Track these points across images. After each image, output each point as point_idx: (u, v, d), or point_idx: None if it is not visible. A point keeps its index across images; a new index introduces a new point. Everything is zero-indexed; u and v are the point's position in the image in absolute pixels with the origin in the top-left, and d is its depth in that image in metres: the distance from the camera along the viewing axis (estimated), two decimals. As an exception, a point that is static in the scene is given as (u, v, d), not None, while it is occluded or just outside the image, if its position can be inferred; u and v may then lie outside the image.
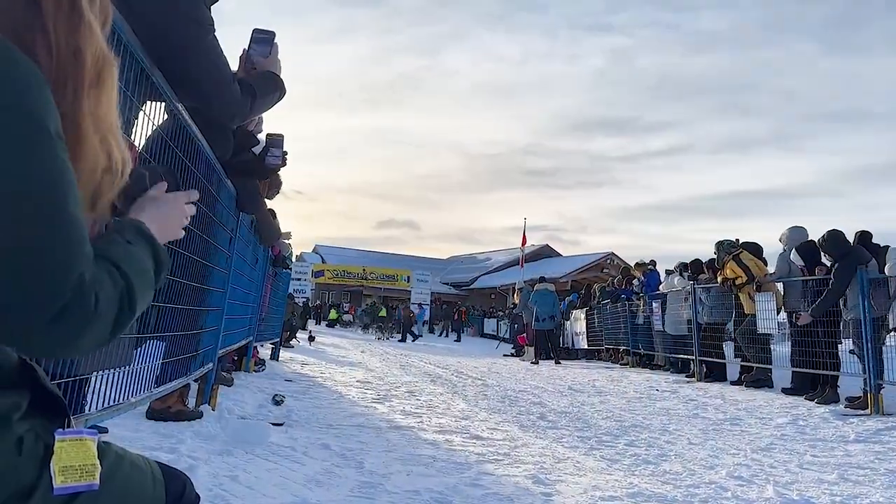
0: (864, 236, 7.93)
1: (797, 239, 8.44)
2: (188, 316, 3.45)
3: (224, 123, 3.08)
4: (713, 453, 4.60)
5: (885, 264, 7.13)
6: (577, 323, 16.15)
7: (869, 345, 6.73)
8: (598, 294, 15.89)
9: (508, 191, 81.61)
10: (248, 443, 3.83)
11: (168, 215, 1.11)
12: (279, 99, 2.81)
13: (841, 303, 7.24)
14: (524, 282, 20.66)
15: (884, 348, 6.82)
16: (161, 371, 3.21)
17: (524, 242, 33.43)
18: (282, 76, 2.83)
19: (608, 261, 36.26)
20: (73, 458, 0.93)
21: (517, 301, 18.40)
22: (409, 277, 43.17)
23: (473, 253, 51.92)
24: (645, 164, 79.94)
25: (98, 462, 0.96)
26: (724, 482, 3.74)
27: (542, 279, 16.76)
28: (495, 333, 30.08)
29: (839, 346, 7.57)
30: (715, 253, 9.67)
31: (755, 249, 9.43)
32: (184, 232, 1.17)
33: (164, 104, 2.44)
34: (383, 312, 32.81)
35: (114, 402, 2.45)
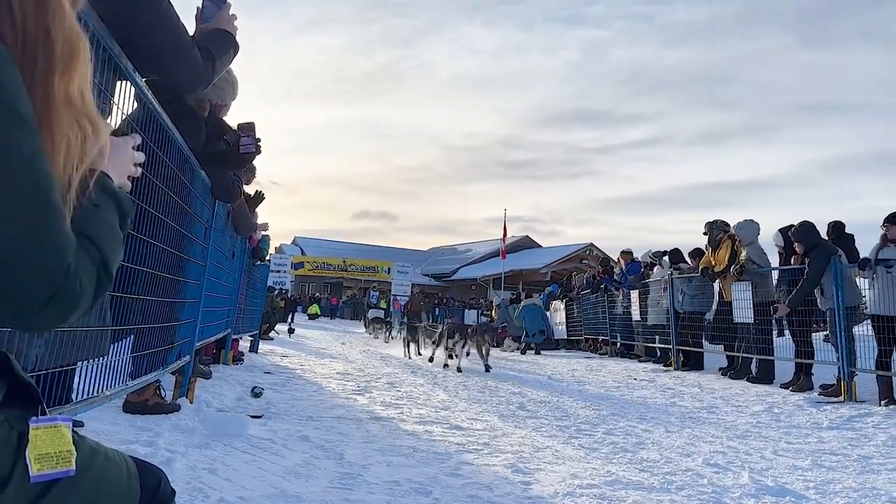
0: (836, 226, 8.05)
1: (751, 233, 8.57)
2: (164, 308, 3.41)
3: (186, 92, 3.03)
4: (690, 441, 4.66)
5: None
6: (557, 313, 16.25)
7: (842, 333, 6.85)
8: (580, 284, 16.00)
9: (487, 182, 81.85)
10: (226, 435, 3.80)
11: (121, 159, 1.10)
12: (234, 56, 2.79)
13: (817, 292, 7.34)
14: (502, 298, 20.59)
15: (856, 337, 6.94)
16: (137, 364, 3.17)
17: (505, 234, 33.49)
18: (236, 33, 2.80)
19: (588, 252, 36.47)
20: (48, 445, 0.92)
21: (495, 317, 18.44)
22: (389, 269, 43.07)
23: (454, 244, 51.99)
24: (622, 156, 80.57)
25: (73, 448, 0.95)
26: (701, 469, 3.78)
27: (528, 295, 16.84)
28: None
29: (813, 334, 7.71)
30: (706, 233, 9.50)
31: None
32: (134, 172, 1.16)
33: (133, 92, 2.38)
34: (384, 304, 32.21)
35: (88, 395, 2.41)
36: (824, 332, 7.71)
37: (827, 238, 7.73)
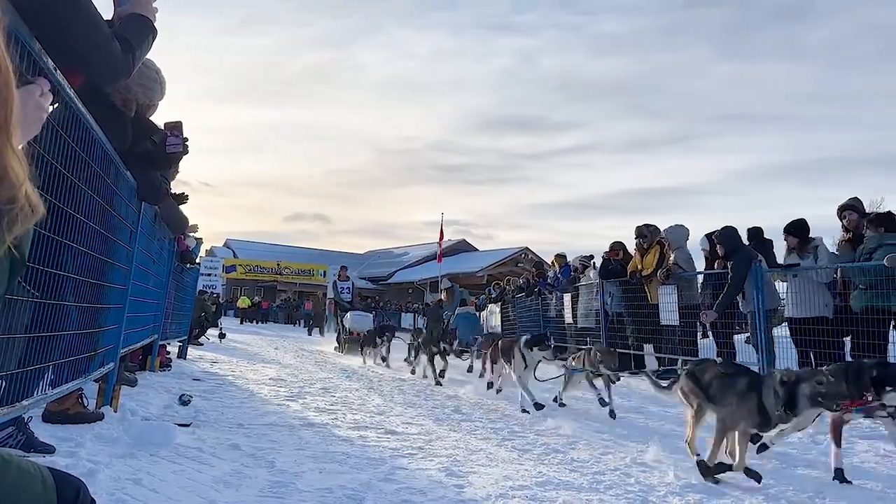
0: (755, 232, 8.43)
1: (679, 238, 8.90)
2: (85, 314, 3.28)
3: (108, 84, 2.93)
4: (619, 441, 4.79)
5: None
6: (493, 316, 16.41)
7: (762, 335, 7.18)
8: (511, 290, 16.21)
9: (423, 186, 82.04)
10: (152, 444, 3.69)
11: (25, 114, 1.03)
12: (153, 41, 2.72)
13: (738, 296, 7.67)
14: (452, 283, 20.52)
15: (775, 338, 7.29)
16: (57, 371, 3.04)
17: (441, 237, 33.58)
18: (154, 16, 2.73)
19: (523, 255, 37.05)
20: None
21: (448, 301, 18.38)
22: (325, 272, 42.61)
23: (391, 247, 51.83)
24: (554, 162, 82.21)
25: None
26: (628, 468, 3.90)
27: (462, 302, 16.87)
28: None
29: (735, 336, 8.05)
30: (636, 237, 9.64)
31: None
32: (42, 117, 1.10)
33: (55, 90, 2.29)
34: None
35: (5, 403, 2.30)
36: (746, 334, 8.07)
37: (747, 243, 8.10)
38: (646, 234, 9.57)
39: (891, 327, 6.19)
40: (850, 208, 7.11)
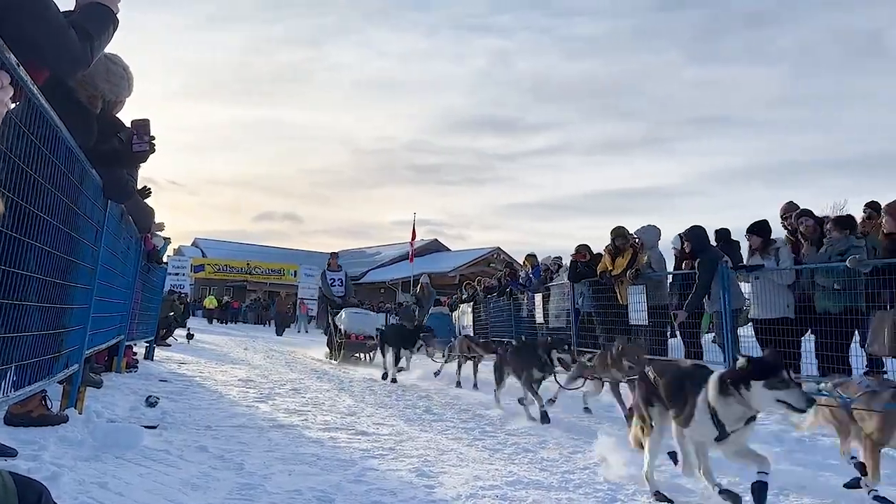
0: (723, 233, 8.57)
1: (652, 238, 9.02)
2: (49, 314, 3.21)
3: (65, 75, 2.87)
4: (588, 440, 4.83)
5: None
6: (465, 316, 16.45)
7: (728, 335, 7.30)
8: (482, 290, 16.28)
9: (396, 186, 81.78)
10: (118, 447, 3.64)
11: None
12: (114, 31, 2.67)
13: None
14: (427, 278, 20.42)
15: (740, 338, 7.42)
16: (20, 373, 2.97)
17: (413, 237, 33.53)
18: (116, 6, 2.67)
19: (495, 255, 37.17)
20: None
21: (424, 296, 18.34)
22: (296, 272, 42.28)
23: (362, 247, 51.59)
24: (527, 163, 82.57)
25: None
26: (597, 467, 3.95)
27: (436, 302, 16.87)
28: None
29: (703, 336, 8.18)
30: (616, 237, 9.73)
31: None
32: (1, 112, 1.07)
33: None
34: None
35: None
36: (713, 334, 8.20)
37: (715, 244, 8.24)
38: (626, 235, 9.66)
39: (855, 327, 6.34)
40: (806, 215, 7.28)
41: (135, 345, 8.47)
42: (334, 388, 7.83)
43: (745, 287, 7.52)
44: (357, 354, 12.54)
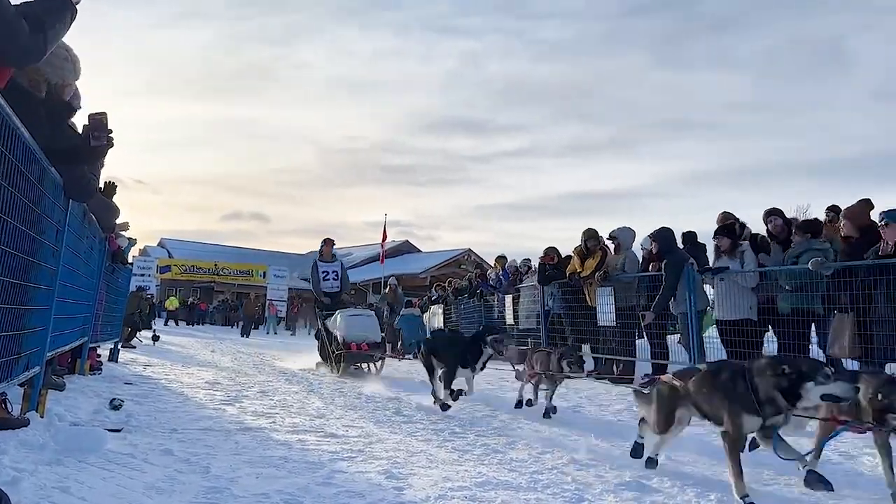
0: (689, 236, 8.72)
1: (627, 239, 9.15)
2: (8, 315, 3.13)
3: (16, 67, 2.79)
4: (556, 440, 4.87)
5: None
6: (435, 318, 16.47)
7: (693, 336, 7.43)
8: (452, 291, 16.32)
9: (367, 186, 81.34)
10: (81, 451, 3.57)
11: None
12: (71, 21, 2.60)
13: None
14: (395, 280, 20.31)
15: (705, 338, 7.56)
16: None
17: (384, 238, 33.44)
18: None
19: (466, 257, 37.26)
20: None
21: (393, 299, 18.25)
22: (265, 273, 41.87)
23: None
24: (498, 165, 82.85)
25: None
26: (565, 467, 3.98)
27: (408, 303, 16.79)
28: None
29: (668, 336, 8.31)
30: (584, 240, 9.79)
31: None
32: None
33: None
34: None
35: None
36: (679, 335, 8.33)
37: (682, 247, 8.37)
38: (597, 237, 9.77)
39: (812, 328, 6.50)
40: (776, 214, 7.44)
41: (99, 346, 8.31)
42: (303, 390, 7.76)
43: (709, 289, 7.66)
44: (360, 365, 10.31)
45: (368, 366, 10.13)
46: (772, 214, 7.44)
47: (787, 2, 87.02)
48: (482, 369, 6.45)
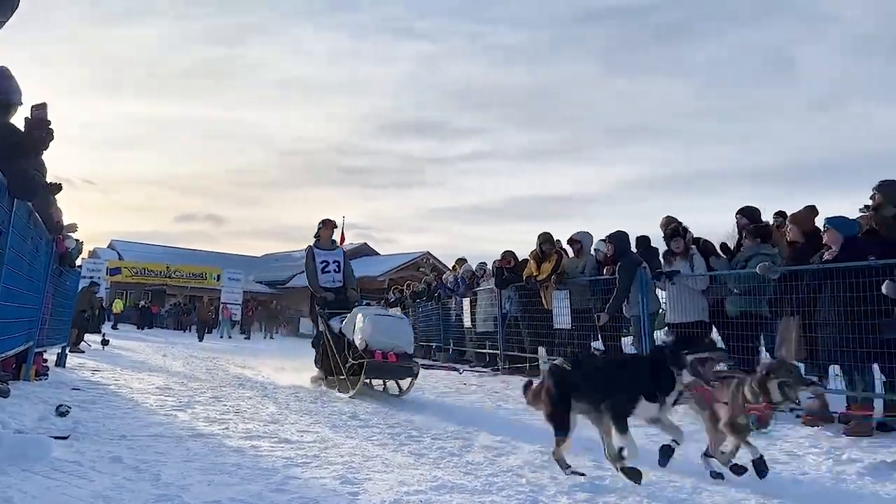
0: (643, 240, 8.90)
1: (588, 242, 9.31)
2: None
3: None
4: (512, 443, 4.92)
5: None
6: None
7: (647, 338, 7.58)
8: (409, 294, 16.33)
9: (323, 188, 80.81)
10: (25, 459, 3.47)
11: None
12: (12, 11, 2.53)
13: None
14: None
15: (657, 341, 7.70)
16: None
17: (342, 241, 33.16)
18: None
19: (424, 259, 37.23)
20: None
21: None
22: (219, 276, 41.16)
23: (289, 250, 50.62)
24: (454, 168, 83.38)
25: None
26: (520, 469, 4.02)
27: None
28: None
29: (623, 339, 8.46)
30: (540, 244, 9.93)
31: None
32: None
33: None
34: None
35: None
36: (632, 337, 8.50)
37: (636, 250, 8.54)
38: (552, 241, 9.94)
39: (759, 331, 6.69)
40: (742, 213, 7.59)
41: (45, 351, 8.07)
42: (257, 395, 7.66)
43: (660, 293, 7.82)
44: (380, 380, 8.03)
45: (391, 384, 8.01)
46: (739, 213, 7.55)
47: (735, 12, 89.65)
48: (675, 405, 3.80)
